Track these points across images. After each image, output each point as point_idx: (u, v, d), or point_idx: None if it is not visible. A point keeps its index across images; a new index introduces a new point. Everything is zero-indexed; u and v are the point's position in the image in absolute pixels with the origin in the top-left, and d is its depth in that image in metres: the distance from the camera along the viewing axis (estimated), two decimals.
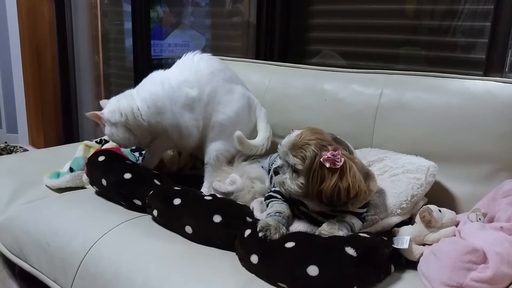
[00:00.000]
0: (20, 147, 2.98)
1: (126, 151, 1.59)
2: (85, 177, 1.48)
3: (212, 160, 1.42)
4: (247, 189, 1.27)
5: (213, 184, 1.31)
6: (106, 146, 1.66)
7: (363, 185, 1.01)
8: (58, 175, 1.50)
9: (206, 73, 1.42)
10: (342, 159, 0.99)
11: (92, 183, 1.41)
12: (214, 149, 1.42)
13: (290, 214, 1.11)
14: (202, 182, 1.44)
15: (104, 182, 1.33)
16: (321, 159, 0.99)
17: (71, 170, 1.50)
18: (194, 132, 1.41)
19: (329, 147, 1.01)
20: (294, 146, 1.04)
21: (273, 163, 1.27)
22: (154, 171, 1.42)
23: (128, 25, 2.67)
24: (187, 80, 1.40)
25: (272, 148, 1.44)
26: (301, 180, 1.03)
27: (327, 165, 0.99)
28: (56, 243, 1.20)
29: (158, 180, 1.33)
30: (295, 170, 1.04)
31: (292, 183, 1.05)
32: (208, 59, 1.47)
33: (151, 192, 1.24)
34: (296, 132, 1.07)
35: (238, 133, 1.35)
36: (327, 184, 0.99)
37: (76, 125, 3.12)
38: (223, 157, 1.42)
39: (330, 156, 0.99)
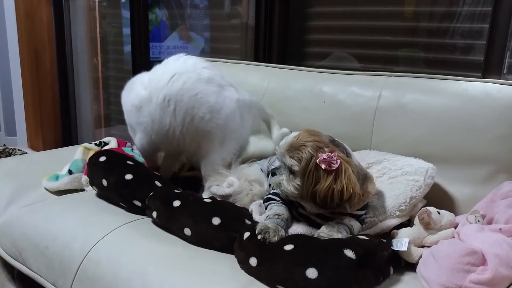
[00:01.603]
0: (19, 150, 2.98)
1: (130, 151, 1.60)
2: (84, 178, 1.48)
3: (209, 172, 1.38)
4: (245, 191, 1.27)
5: (211, 188, 1.31)
6: (105, 148, 1.66)
7: (358, 188, 1.01)
8: (57, 177, 1.50)
9: (169, 75, 1.35)
10: (338, 161, 1.00)
11: (92, 183, 1.41)
12: (209, 162, 1.38)
13: (289, 216, 1.11)
14: (200, 184, 1.43)
15: (104, 182, 1.33)
16: (317, 161, 1.00)
17: (70, 172, 1.50)
18: (139, 130, 1.45)
19: (326, 149, 1.01)
20: (291, 148, 1.04)
21: (272, 165, 1.27)
22: (156, 172, 1.42)
23: (126, 31, 2.67)
24: (142, 80, 1.42)
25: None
26: (297, 181, 1.03)
27: (323, 166, 0.99)
28: (55, 246, 1.20)
29: (159, 182, 1.33)
30: (291, 172, 1.04)
31: (288, 185, 1.05)
32: (184, 60, 1.40)
33: (151, 194, 1.24)
34: (293, 134, 1.07)
35: (284, 130, 1.39)
36: (321, 186, 0.99)
37: (75, 128, 3.12)
38: (219, 166, 1.38)
39: (326, 157, 0.99)
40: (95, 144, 1.70)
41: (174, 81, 1.35)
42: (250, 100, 1.44)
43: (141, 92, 1.41)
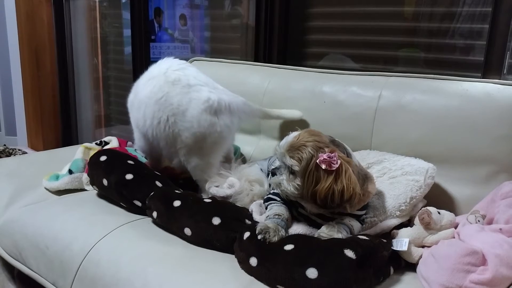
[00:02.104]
0: (19, 150, 2.98)
1: (133, 151, 1.60)
2: (85, 177, 1.48)
3: (199, 177, 1.38)
4: (246, 191, 1.27)
5: (210, 190, 1.30)
6: (107, 147, 1.66)
7: (358, 188, 1.02)
8: (57, 177, 1.50)
9: (146, 80, 1.40)
10: (338, 161, 1.00)
11: (92, 183, 1.41)
12: (195, 167, 1.37)
13: (289, 216, 1.11)
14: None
15: (105, 182, 1.33)
16: (317, 161, 1.00)
17: (70, 172, 1.50)
18: (135, 130, 1.50)
19: (326, 149, 1.01)
20: (291, 148, 1.04)
21: (272, 165, 1.27)
22: (158, 172, 1.41)
23: (127, 32, 2.67)
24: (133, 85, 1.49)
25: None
26: (298, 181, 1.03)
27: (323, 166, 0.99)
28: (55, 246, 1.20)
29: (159, 182, 1.33)
30: (291, 172, 1.04)
31: (288, 184, 1.05)
32: (161, 64, 1.41)
33: (152, 194, 1.24)
34: (294, 134, 1.07)
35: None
36: (321, 186, 0.99)
37: (75, 128, 3.12)
38: (209, 170, 1.36)
39: (326, 158, 0.99)
40: (96, 143, 1.71)
41: (147, 86, 1.38)
42: (229, 100, 1.36)
43: (131, 95, 1.48)
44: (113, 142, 1.71)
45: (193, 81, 1.35)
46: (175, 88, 1.33)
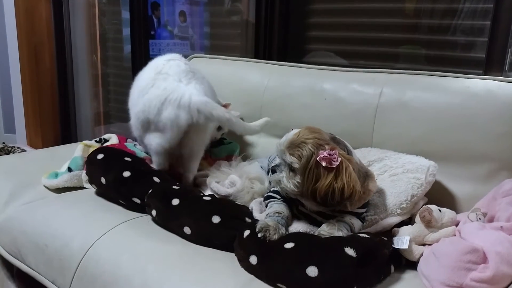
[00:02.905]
0: (18, 148, 2.98)
1: (132, 147, 1.60)
2: (84, 174, 1.47)
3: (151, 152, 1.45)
4: (246, 189, 1.27)
5: (211, 185, 1.30)
6: (106, 145, 1.65)
7: (358, 185, 1.01)
8: (56, 175, 1.50)
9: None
10: (339, 159, 0.99)
11: (91, 181, 1.41)
12: (147, 143, 1.43)
13: (289, 214, 1.11)
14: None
15: (103, 180, 1.32)
16: (317, 158, 0.99)
17: (69, 170, 1.50)
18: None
19: (326, 146, 1.01)
20: (292, 145, 1.04)
21: (272, 163, 1.27)
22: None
23: (126, 30, 2.66)
24: None
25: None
26: (298, 179, 1.03)
27: (323, 164, 0.99)
28: (54, 244, 1.20)
29: (157, 178, 1.32)
30: (291, 169, 1.04)
31: (288, 182, 1.04)
32: (157, 58, 1.51)
33: (150, 192, 1.24)
34: (294, 131, 1.07)
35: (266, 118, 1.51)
36: (321, 183, 0.99)
37: (74, 125, 3.12)
38: (157, 149, 1.39)
39: (326, 155, 0.99)
40: (96, 141, 1.70)
41: (140, 77, 1.48)
42: (182, 94, 1.33)
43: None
44: (112, 139, 1.71)
45: (165, 70, 1.41)
46: (150, 73, 1.43)
